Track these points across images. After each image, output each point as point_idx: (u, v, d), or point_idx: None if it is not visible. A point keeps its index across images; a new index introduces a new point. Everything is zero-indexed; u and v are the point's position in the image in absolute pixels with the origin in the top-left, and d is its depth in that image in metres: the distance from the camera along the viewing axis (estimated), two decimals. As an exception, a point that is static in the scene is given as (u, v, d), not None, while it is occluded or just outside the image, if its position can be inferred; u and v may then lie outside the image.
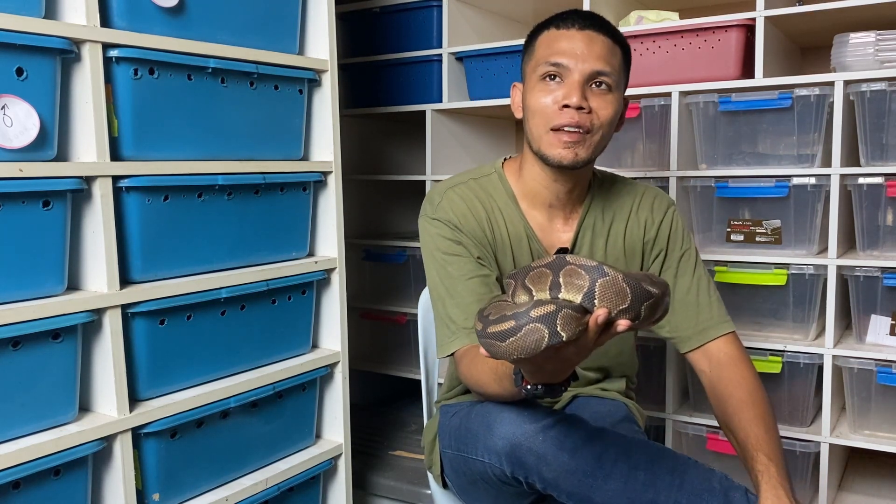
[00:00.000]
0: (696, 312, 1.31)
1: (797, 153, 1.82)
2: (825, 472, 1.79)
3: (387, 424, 2.49)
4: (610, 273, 0.90)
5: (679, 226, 1.37)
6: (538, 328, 0.88)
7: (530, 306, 0.90)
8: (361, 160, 2.64)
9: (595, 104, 1.20)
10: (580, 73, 1.18)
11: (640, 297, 0.91)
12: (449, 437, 1.30)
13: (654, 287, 0.93)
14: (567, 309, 0.89)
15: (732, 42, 1.87)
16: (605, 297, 0.90)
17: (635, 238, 1.35)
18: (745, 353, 1.30)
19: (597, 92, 1.20)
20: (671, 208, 1.38)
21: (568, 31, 1.21)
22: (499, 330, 0.91)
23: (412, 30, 2.39)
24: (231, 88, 1.56)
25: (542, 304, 0.90)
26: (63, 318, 1.28)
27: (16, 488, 1.24)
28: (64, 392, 1.32)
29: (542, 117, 1.21)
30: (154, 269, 1.45)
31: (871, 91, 1.69)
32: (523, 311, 0.90)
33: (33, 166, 1.25)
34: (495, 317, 0.93)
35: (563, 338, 0.87)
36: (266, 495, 1.63)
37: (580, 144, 1.20)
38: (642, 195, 1.37)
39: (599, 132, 1.21)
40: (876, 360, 1.73)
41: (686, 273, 1.34)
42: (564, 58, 1.19)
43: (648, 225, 1.35)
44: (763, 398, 1.23)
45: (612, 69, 1.20)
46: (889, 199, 1.73)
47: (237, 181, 1.57)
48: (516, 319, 0.90)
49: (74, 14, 1.29)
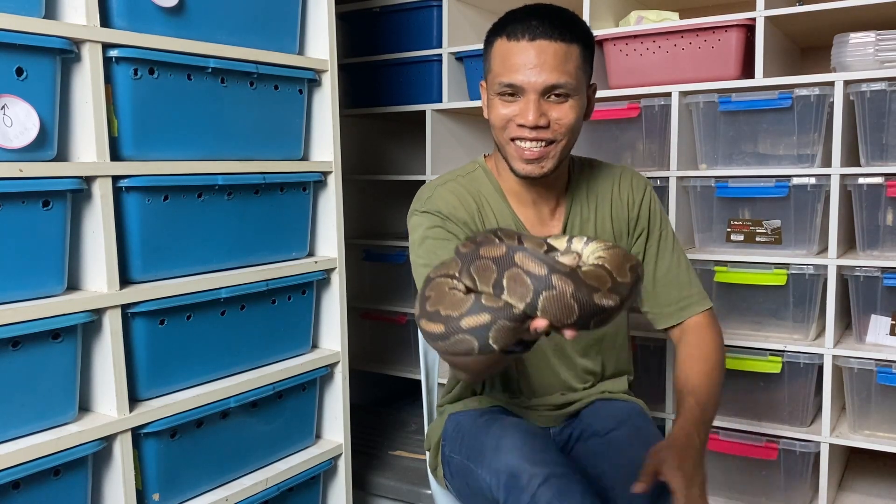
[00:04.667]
0: (678, 290, 1.34)
1: (797, 153, 1.82)
2: (825, 472, 1.78)
3: (387, 424, 2.49)
4: (557, 286, 0.82)
5: (657, 205, 1.39)
6: (467, 340, 0.85)
7: (464, 312, 0.85)
8: (361, 160, 2.64)
9: (554, 115, 1.19)
10: (534, 90, 1.18)
11: (589, 313, 0.84)
12: (458, 444, 1.29)
13: (609, 299, 0.85)
14: (504, 320, 0.84)
15: (732, 42, 1.87)
16: (549, 310, 0.83)
17: (621, 219, 1.36)
18: (717, 326, 1.34)
19: (554, 102, 1.19)
20: (648, 187, 1.39)
21: (518, 44, 1.19)
22: (429, 330, 0.88)
23: (412, 30, 2.39)
24: (231, 88, 1.56)
25: (478, 311, 0.85)
26: (63, 318, 1.28)
27: (16, 488, 1.24)
28: (64, 392, 1.32)
29: (501, 130, 1.24)
30: (154, 269, 1.45)
31: (871, 91, 1.69)
32: (456, 317, 0.86)
33: (33, 166, 1.25)
34: (431, 308, 0.89)
35: (496, 349, 0.84)
36: (266, 495, 1.63)
37: (545, 157, 1.22)
38: (620, 175, 1.38)
39: (563, 140, 1.22)
40: (876, 360, 1.72)
41: (666, 252, 1.36)
42: (517, 75, 1.18)
43: (630, 204, 1.36)
44: (717, 360, 1.29)
45: (569, 76, 1.18)
46: (889, 199, 1.73)
47: (237, 181, 1.57)
48: (446, 325, 0.86)
49: (74, 14, 1.29)
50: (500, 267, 0.86)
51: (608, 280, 0.87)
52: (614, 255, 0.95)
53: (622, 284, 0.88)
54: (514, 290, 0.84)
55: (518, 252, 0.86)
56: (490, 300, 0.86)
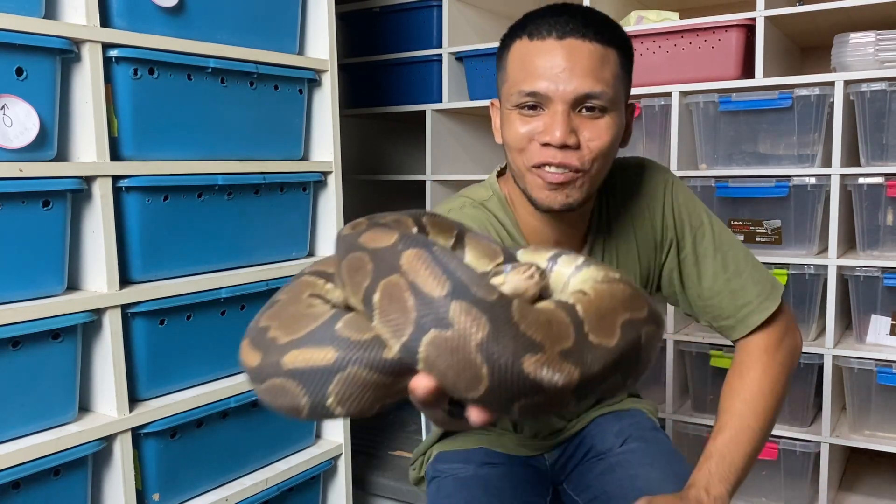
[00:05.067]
0: (731, 299, 1.08)
1: (797, 153, 1.82)
2: (825, 472, 1.78)
3: (387, 424, 2.49)
4: (457, 323, 0.48)
5: (681, 202, 1.10)
6: (289, 390, 0.53)
7: (297, 339, 0.54)
8: (361, 160, 2.64)
9: (586, 135, 0.94)
10: (563, 100, 0.93)
11: (511, 387, 0.49)
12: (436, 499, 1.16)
13: (554, 370, 0.50)
14: (359, 367, 0.51)
15: (732, 42, 1.87)
16: (436, 364, 0.50)
17: (648, 246, 1.11)
18: (779, 336, 1.08)
19: (587, 118, 0.94)
20: (667, 184, 1.11)
21: (544, 43, 0.94)
22: (243, 360, 0.60)
23: (412, 30, 2.39)
24: (231, 88, 1.56)
25: (320, 340, 0.53)
26: (63, 318, 1.28)
27: (16, 488, 1.24)
28: (64, 392, 1.32)
29: (520, 153, 0.97)
30: (154, 269, 1.45)
31: (871, 91, 1.69)
32: (281, 347, 0.55)
33: (33, 166, 1.24)
34: (265, 323, 0.60)
35: (336, 414, 0.53)
36: (266, 495, 1.63)
37: (571, 185, 0.95)
38: (639, 186, 1.11)
39: (594, 166, 0.95)
40: (876, 360, 1.72)
41: (706, 258, 1.09)
42: (542, 83, 0.93)
43: (651, 220, 1.10)
44: (764, 386, 1.04)
45: (605, 85, 0.93)
46: (889, 199, 1.73)
47: (237, 181, 1.57)
48: (264, 357, 0.56)
49: (74, 14, 1.29)
50: (377, 269, 0.53)
51: (568, 334, 0.52)
52: (608, 295, 0.58)
53: (594, 349, 0.52)
54: (387, 315, 0.51)
55: (411, 247, 0.52)
56: (352, 326, 0.53)
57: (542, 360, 0.49)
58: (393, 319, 0.51)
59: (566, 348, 0.51)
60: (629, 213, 1.10)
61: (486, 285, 0.51)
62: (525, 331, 0.50)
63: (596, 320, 0.54)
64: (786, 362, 1.08)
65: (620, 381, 0.56)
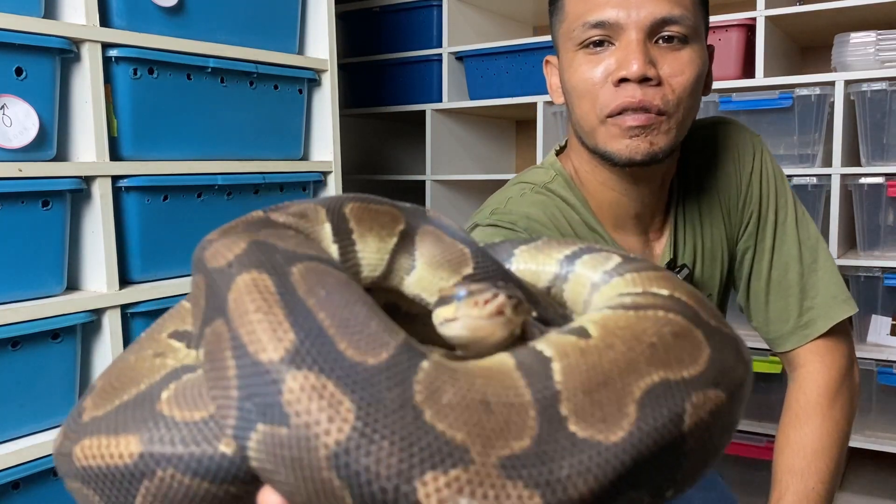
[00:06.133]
0: (800, 296, 0.93)
1: (798, 153, 1.82)
2: (825, 472, 1.78)
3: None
4: (293, 414, 0.28)
5: (771, 171, 0.95)
6: (88, 497, 0.38)
7: (93, 422, 0.36)
8: (361, 160, 2.64)
9: (667, 69, 0.80)
10: (638, 27, 0.79)
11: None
12: None
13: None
14: (173, 469, 0.33)
15: (733, 42, 1.87)
16: (273, 477, 0.29)
17: (734, 217, 0.96)
18: (835, 358, 0.93)
19: (666, 50, 0.80)
20: (757, 148, 0.95)
21: None
22: (56, 442, 0.40)
23: (412, 29, 2.39)
24: (230, 88, 1.56)
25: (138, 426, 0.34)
26: (62, 319, 1.28)
27: (16, 488, 1.24)
28: (63, 392, 1.32)
29: (590, 101, 0.82)
30: (153, 269, 1.45)
31: (871, 91, 1.69)
32: (76, 428, 0.37)
33: (33, 166, 1.24)
34: (102, 382, 0.39)
35: None
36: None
37: (655, 129, 0.80)
38: (725, 142, 0.96)
39: (679, 108, 0.81)
40: (876, 360, 1.72)
41: (787, 241, 0.94)
42: (609, 10, 0.79)
43: (738, 188, 0.95)
44: (826, 421, 0.89)
45: (684, 8, 0.80)
46: (889, 199, 1.73)
47: (237, 181, 1.57)
48: (62, 441, 0.38)
49: (74, 14, 1.29)
50: (208, 305, 0.34)
51: (524, 422, 0.29)
52: (630, 335, 0.33)
53: (576, 450, 0.28)
54: (212, 387, 0.32)
55: (245, 269, 0.33)
56: (187, 395, 0.34)
57: (461, 479, 0.26)
58: (217, 396, 0.31)
59: (513, 454, 0.27)
60: (713, 175, 0.94)
61: (376, 330, 0.30)
62: (433, 420, 0.27)
63: (588, 388, 0.30)
64: (846, 406, 0.92)
65: (646, 500, 0.31)
